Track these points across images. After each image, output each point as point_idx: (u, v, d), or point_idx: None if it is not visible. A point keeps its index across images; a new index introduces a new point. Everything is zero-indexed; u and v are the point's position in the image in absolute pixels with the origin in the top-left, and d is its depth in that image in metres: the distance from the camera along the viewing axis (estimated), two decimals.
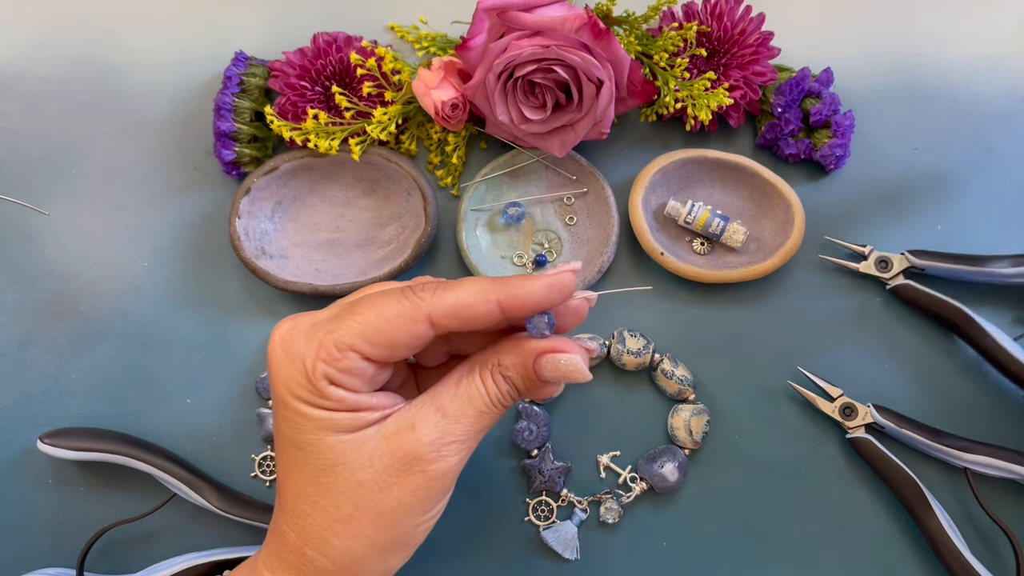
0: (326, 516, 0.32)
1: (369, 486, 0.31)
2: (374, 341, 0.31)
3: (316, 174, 0.49)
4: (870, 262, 0.49)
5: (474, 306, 0.31)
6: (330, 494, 0.32)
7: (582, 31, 0.44)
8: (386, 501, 0.32)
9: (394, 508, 0.32)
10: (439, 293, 0.31)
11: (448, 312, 0.31)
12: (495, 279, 0.32)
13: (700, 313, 0.50)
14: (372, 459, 0.31)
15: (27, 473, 0.48)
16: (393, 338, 0.31)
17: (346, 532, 0.32)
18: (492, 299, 0.31)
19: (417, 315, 0.31)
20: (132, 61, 0.52)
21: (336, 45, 0.48)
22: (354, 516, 0.32)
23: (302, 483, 0.32)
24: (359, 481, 0.31)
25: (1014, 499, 0.47)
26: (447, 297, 0.31)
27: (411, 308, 0.31)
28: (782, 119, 0.48)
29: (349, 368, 0.31)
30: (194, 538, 0.47)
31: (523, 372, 0.33)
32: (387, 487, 0.32)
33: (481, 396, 0.33)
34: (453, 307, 0.31)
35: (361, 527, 0.32)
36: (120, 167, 0.51)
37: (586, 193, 0.50)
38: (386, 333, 0.31)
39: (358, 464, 0.31)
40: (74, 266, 0.50)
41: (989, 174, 0.51)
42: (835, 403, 0.47)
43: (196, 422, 0.48)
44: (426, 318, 0.31)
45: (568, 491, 0.47)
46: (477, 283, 0.32)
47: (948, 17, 0.53)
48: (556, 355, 0.33)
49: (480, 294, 0.31)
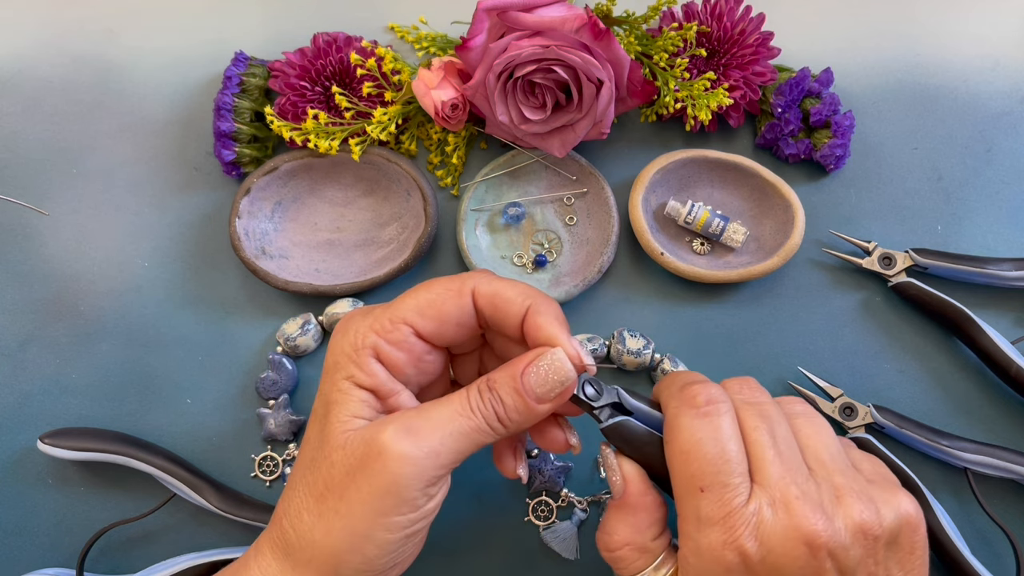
0: (306, 490, 0.33)
1: (340, 467, 0.32)
2: (425, 312, 0.34)
3: (316, 174, 0.49)
4: (873, 258, 0.49)
5: (511, 300, 0.34)
6: (315, 468, 0.33)
7: (582, 31, 0.44)
8: (348, 488, 0.32)
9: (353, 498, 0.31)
10: (487, 277, 0.35)
11: (489, 294, 0.34)
12: (543, 295, 0.35)
13: (700, 313, 0.50)
14: (349, 442, 0.32)
15: (27, 473, 0.48)
16: (441, 309, 0.34)
17: (316, 509, 0.32)
18: (523, 303, 0.34)
19: (463, 289, 0.34)
20: (132, 61, 0.52)
21: (336, 45, 0.48)
22: (324, 495, 0.32)
23: (303, 455, 0.34)
24: (332, 461, 0.32)
25: (1014, 499, 0.47)
26: (493, 283, 0.35)
27: (458, 283, 0.34)
28: (782, 119, 0.48)
29: (399, 340, 0.33)
30: (194, 538, 0.47)
31: (511, 384, 0.33)
32: (351, 472, 0.32)
33: (462, 403, 0.33)
34: (494, 292, 0.34)
35: (326, 508, 0.32)
36: (120, 167, 0.51)
37: (586, 193, 0.50)
38: (435, 304, 0.34)
39: (337, 444, 0.32)
40: (74, 266, 0.50)
41: (989, 174, 0.51)
42: (835, 403, 0.47)
43: (196, 422, 0.48)
44: (470, 293, 0.34)
45: (568, 491, 0.47)
46: (523, 287, 0.35)
47: (948, 17, 0.53)
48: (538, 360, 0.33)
49: (520, 294, 0.34)
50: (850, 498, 0.32)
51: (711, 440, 0.32)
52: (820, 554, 0.30)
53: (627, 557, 0.34)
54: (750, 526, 0.30)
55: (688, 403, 0.33)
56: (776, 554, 0.30)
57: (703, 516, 0.31)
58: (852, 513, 0.31)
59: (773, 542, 0.30)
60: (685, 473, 0.32)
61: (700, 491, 0.31)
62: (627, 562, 0.34)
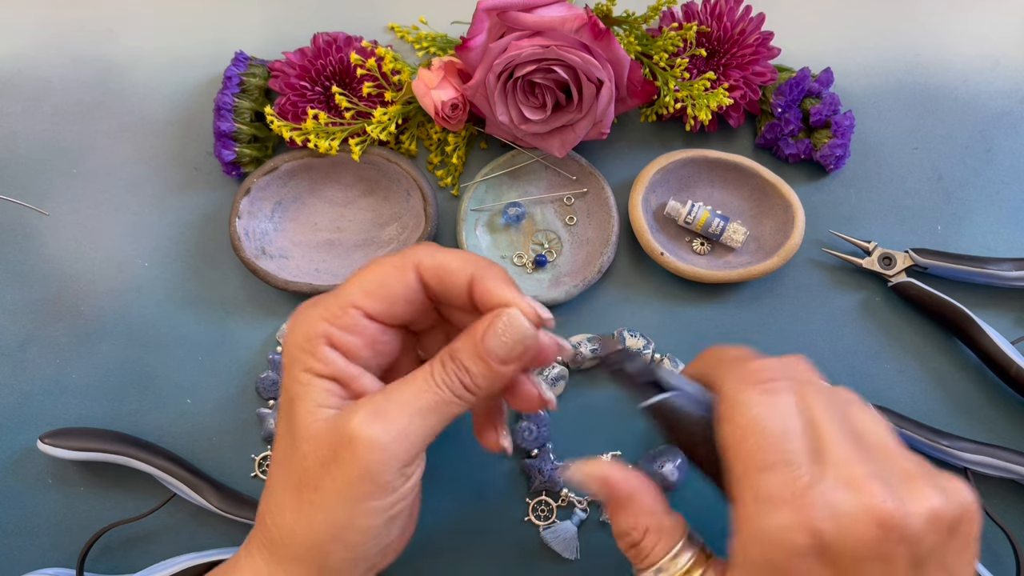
0: (284, 484, 0.33)
1: (312, 459, 0.32)
2: (372, 293, 0.33)
3: (316, 174, 0.49)
4: (873, 258, 0.49)
5: (454, 272, 0.34)
6: (288, 463, 0.33)
7: (582, 31, 0.44)
8: (322, 478, 0.31)
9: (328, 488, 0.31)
10: (430, 250, 0.34)
11: (432, 267, 0.34)
12: (487, 262, 0.34)
13: (700, 313, 0.50)
14: (318, 434, 0.32)
15: (27, 473, 0.48)
16: (389, 288, 0.33)
17: (294, 504, 0.32)
18: (468, 272, 0.33)
19: (407, 264, 0.34)
20: (132, 61, 0.52)
21: (336, 45, 0.48)
22: (300, 489, 0.32)
23: (276, 451, 0.34)
24: (304, 453, 0.32)
25: (1014, 499, 0.47)
26: (437, 255, 0.34)
27: (401, 260, 0.34)
28: (782, 119, 0.48)
29: (350, 325, 0.33)
30: (194, 538, 0.47)
31: (472, 350, 0.33)
32: (323, 463, 0.31)
33: (426, 378, 0.33)
34: (438, 264, 0.34)
35: (303, 502, 0.32)
36: (120, 167, 0.51)
37: (586, 193, 0.50)
38: (382, 286, 0.33)
39: (306, 436, 0.32)
40: (74, 266, 0.50)
41: (989, 174, 0.51)
42: None
43: (196, 422, 0.48)
44: (414, 268, 0.34)
45: (568, 491, 0.47)
46: (468, 256, 0.34)
47: (948, 17, 0.53)
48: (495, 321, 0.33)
49: (463, 264, 0.34)
50: (919, 482, 0.29)
51: (775, 417, 0.30)
52: (892, 537, 0.28)
53: (647, 544, 0.33)
54: (823, 506, 0.28)
55: (749, 379, 0.31)
56: (847, 537, 0.28)
57: (767, 496, 0.29)
58: (922, 497, 0.29)
59: (844, 523, 0.28)
60: (744, 451, 0.30)
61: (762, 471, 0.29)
62: (647, 550, 0.33)
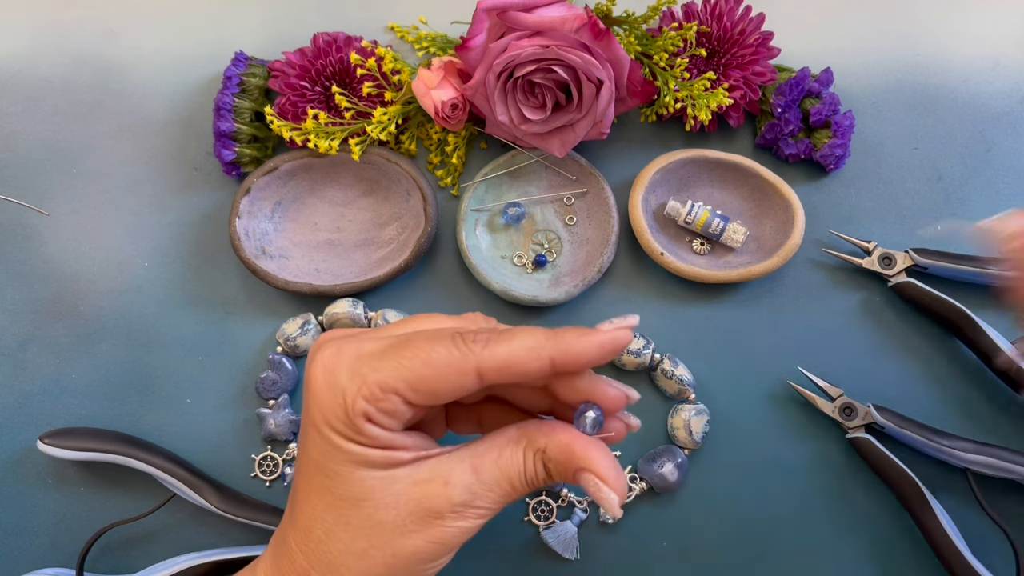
0: (339, 547, 0.32)
1: (389, 527, 0.31)
2: (418, 388, 0.30)
3: (316, 174, 0.49)
4: (873, 258, 0.49)
5: (525, 362, 0.30)
6: (349, 527, 0.31)
7: (582, 31, 0.44)
8: (403, 545, 0.31)
9: (409, 554, 0.31)
10: (491, 346, 0.30)
11: (498, 367, 0.30)
12: (549, 332, 0.31)
13: (700, 313, 0.50)
14: (399, 502, 0.31)
15: (27, 473, 0.48)
16: (437, 388, 0.30)
17: (356, 566, 0.32)
18: (545, 356, 0.30)
19: (466, 367, 0.30)
20: (132, 61, 0.52)
21: (336, 45, 0.48)
22: (368, 552, 0.31)
23: (321, 508, 0.32)
24: (380, 520, 0.31)
25: (1014, 499, 0.47)
26: (499, 351, 0.30)
27: (460, 359, 0.30)
28: (782, 119, 0.48)
29: (390, 410, 0.30)
30: (194, 538, 0.47)
31: (562, 471, 0.32)
32: (407, 532, 0.31)
33: (519, 474, 0.32)
34: (504, 362, 0.30)
35: (373, 564, 0.31)
36: (120, 167, 0.51)
37: (586, 193, 0.50)
38: (431, 382, 0.30)
39: (383, 503, 0.31)
40: (74, 266, 0.50)
41: (989, 174, 0.51)
42: (835, 403, 0.47)
43: (196, 422, 0.48)
44: (475, 371, 0.30)
45: (568, 491, 0.47)
46: (531, 336, 0.31)
47: (948, 17, 0.53)
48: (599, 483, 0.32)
49: (533, 350, 0.30)
50: None
51: None
52: None
53: None
54: None
55: None
56: None
57: None
58: None
59: None
60: None
61: None
62: None
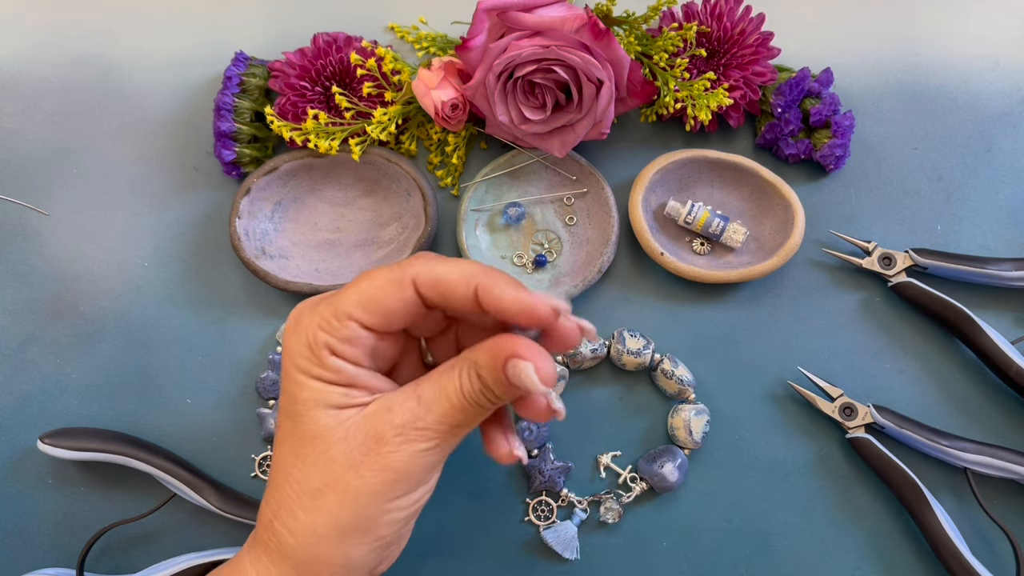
0: (297, 488, 0.33)
1: (339, 461, 0.32)
2: (368, 308, 0.33)
3: (316, 174, 0.49)
4: (873, 258, 0.49)
5: (454, 285, 0.32)
6: (304, 465, 0.33)
7: (582, 31, 0.44)
8: (352, 479, 0.32)
9: (359, 487, 0.32)
10: (428, 264, 0.33)
11: (430, 282, 0.33)
12: (487, 269, 0.33)
13: (700, 313, 0.50)
14: (348, 434, 0.32)
15: (27, 473, 0.48)
16: (385, 304, 0.33)
17: (312, 506, 0.32)
18: (472, 284, 0.32)
19: (404, 280, 0.33)
20: (132, 61, 0.52)
21: (336, 45, 0.48)
22: (321, 490, 0.32)
23: (284, 454, 0.34)
24: (332, 456, 0.32)
25: (1014, 499, 0.47)
26: (435, 268, 0.33)
27: (399, 274, 0.33)
28: (782, 119, 0.48)
29: (349, 337, 0.32)
30: (194, 538, 0.47)
31: (494, 374, 0.33)
32: (356, 465, 0.32)
33: (455, 390, 0.33)
34: (436, 279, 0.33)
35: (326, 502, 0.32)
36: (120, 167, 0.51)
37: (586, 193, 0.50)
38: (378, 300, 0.33)
39: (336, 438, 0.32)
40: (74, 266, 0.50)
41: (989, 174, 0.51)
42: (835, 403, 0.47)
43: (196, 422, 0.48)
44: (411, 284, 0.33)
45: (568, 491, 0.47)
46: (466, 266, 0.33)
47: (948, 17, 0.53)
48: (516, 360, 0.32)
49: (463, 276, 0.32)
50: None
51: None
52: None
53: None
54: None
55: None
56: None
57: None
58: None
59: None
60: None
61: None
62: None
